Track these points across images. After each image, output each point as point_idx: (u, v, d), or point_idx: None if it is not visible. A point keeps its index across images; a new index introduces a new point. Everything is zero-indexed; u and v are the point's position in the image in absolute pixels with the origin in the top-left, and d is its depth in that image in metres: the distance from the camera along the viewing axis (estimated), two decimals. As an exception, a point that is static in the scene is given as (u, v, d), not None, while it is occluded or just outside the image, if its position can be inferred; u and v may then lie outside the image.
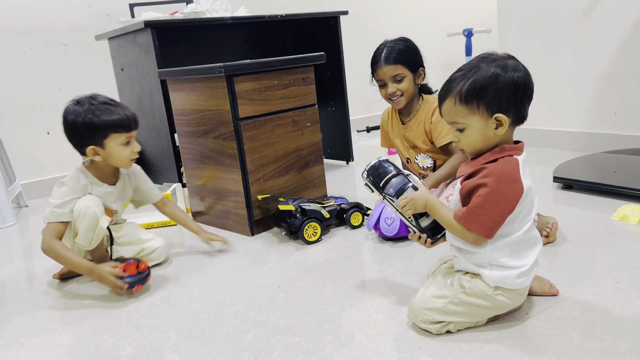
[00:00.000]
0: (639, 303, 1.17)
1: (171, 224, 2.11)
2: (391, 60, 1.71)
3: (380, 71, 1.73)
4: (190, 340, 1.22)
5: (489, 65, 1.05)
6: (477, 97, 1.04)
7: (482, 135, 1.07)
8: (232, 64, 1.73)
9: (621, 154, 2.26)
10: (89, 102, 1.49)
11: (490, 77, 1.04)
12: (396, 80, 1.72)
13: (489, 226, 1.04)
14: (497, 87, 1.03)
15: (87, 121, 1.47)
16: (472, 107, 1.05)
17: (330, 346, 1.13)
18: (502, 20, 2.87)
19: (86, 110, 1.47)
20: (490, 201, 1.03)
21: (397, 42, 1.74)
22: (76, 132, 1.49)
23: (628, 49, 2.39)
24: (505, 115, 1.05)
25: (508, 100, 1.04)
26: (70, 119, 1.48)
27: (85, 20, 2.93)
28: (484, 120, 1.06)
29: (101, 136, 1.49)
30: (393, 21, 4.15)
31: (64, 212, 1.51)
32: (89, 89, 2.95)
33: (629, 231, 1.59)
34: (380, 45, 1.76)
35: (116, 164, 1.57)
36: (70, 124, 1.48)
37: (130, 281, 1.46)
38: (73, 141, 1.52)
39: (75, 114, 1.48)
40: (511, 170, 1.04)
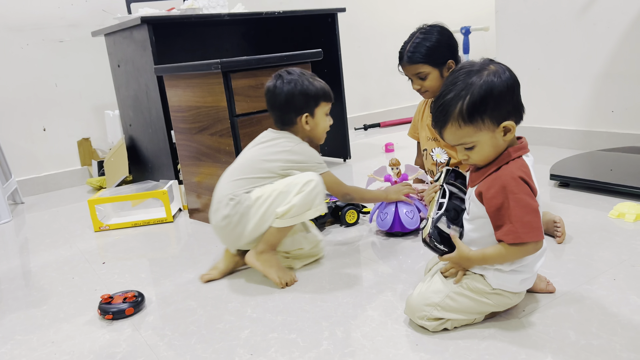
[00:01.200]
0: (635, 300, 1.17)
1: (167, 220, 2.11)
2: (413, 60, 1.65)
3: (404, 68, 1.70)
4: (186, 336, 1.22)
5: (479, 78, 1.03)
6: (480, 112, 1.02)
7: (493, 147, 1.06)
8: (229, 60, 1.72)
9: (618, 152, 2.26)
10: (298, 73, 1.50)
11: (486, 88, 1.02)
12: (420, 78, 1.68)
13: (538, 227, 1.02)
14: (495, 97, 1.02)
15: (304, 89, 1.48)
16: (477, 124, 1.03)
17: (327, 343, 1.13)
18: (500, 19, 2.87)
19: (299, 79, 1.48)
20: (524, 205, 1.01)
21: (426, 35, 1.65)
22: (293, 100, 1.47)
23: (625, 47, 2.39)
24: (511, 120, 1.04)
25: (508, 104, 1.04)
26: (288, 88, 1.47)
27: (81, 16, 2.92)
28: (492, 132, 1.04)
29: (314, 104, 1.50)
30: (390, 18, 4.15)
31: None
32: (86, 85, 2.97)
33: (626, 229, 1.59)
34: (409, 36, 1.69)
35: (318, 134, 1.54)
36: (288, 92, 1.47)
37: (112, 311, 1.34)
38: (286, 110, 1.49)
39: (291, 82, 1.47)
40: (525, 174, 1.03)
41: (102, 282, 1.58)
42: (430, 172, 1.84)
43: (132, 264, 1.71)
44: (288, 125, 1.51)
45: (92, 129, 3.04)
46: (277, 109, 1.50)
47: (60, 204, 2.61)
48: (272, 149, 1.47)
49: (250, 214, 1.40)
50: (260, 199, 1.39)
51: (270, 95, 1.51)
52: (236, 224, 1.41)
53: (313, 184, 1.39)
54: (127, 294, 1.39)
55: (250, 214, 1.40)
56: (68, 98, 2.94)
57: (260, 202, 1.39)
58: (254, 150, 1.50)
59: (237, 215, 1.40)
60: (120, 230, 2.08)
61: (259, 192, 1.41)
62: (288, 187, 1.39)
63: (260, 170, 1.44)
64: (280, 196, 1.39)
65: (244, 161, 1.49)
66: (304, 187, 1.38)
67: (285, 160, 1.44)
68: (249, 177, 1.43)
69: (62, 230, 2.17)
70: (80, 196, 2.74)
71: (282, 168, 1.43)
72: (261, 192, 1.41)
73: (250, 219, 1.40)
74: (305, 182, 1.39)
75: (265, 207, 1.39)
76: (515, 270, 1.08)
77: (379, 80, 4.14)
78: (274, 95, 1.49)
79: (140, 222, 2.11)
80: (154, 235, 1.99)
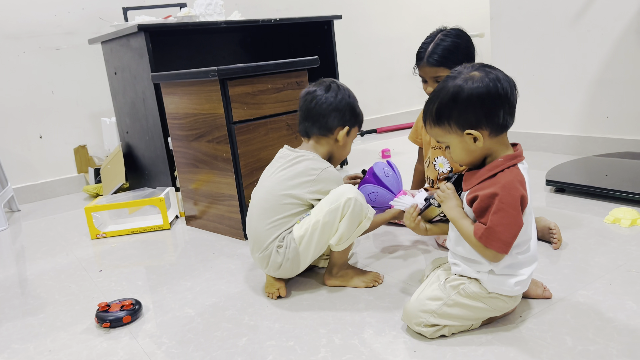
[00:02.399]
0: (631, 305, 1.18)
1: (164, 228, 2.11)
2: (434, 61, 1.59)
3: (422, 69, 1.64)
4: (184, 344, 1.21)
5: (453, 83, 1.06)
6: (445, 117, 1.08)
7: (464, 151, 1.09)
8: (226, 68, 1.73)
9: (613, 157, 2.27)
10: (349, 89, 1.48)
11: (452, 95, 1.06)
12: (437, 81, 1.60)
13: (508, 242, 1.04)
14: (460, 105, 1.05)
15: (353, 104, 1.46)
16: (445, 127, 1.09)
17: (324, 350, 1.13)
18: (495, 25, 2.89)
19: (353, 95, 1.47)
20: (507, 217, 1.02)
21: (446, 37, 1.61)
22: (342, 109, 1.44)
23: (619, 53, 2.41)
24: (476, 130, 1.06)
25: (476, 114, 1.05)
26: (343, 96, 1.44)
27: (78, 23, 2.92)
28: (460, 137, 1.08)
29: (351, 124, 1.47)
30: (387, 25, 4.16)
31: None
32: (82, 92, 2.98)
33: (621, 234, 1.60)
34: (428, 37, 1.64)
35: (343, 154, 1.51)
36: (342, 100, 1.44)
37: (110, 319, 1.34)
38: (332, 116, 1.43)
39: (346, 92, 1.46)
40: (519, 184, 1.04)
41: (99, 290, 1.58)
42: (430, 181, 1.83)
43: (129, 271, 1.71)
44: (324, 132, 1.44)
45: (88, 137, 3.04)
46: (324, 111, 1.42)
47: (57, 212, 2.61)
48: (294, 180, 1.38)
49: (300, 254, 1.36)
50: (305, 237, 1.33)
51: (317, 97, 1.43)
52: (291, 267, 1.38)
53: (352, 202, 1.31)
54: (124, 301, 1.39)
55: (301, 254, 1.36)
56: (64, 105, 2.94)
57: (307, 240, 1.33)
58: (276, 179, 1.40)
59: (289, 261, 1.36)
60: (117, 238, 2.08)
61: (301, 230, 1.34)
62: (330, 216, 1.32)
63: (290, 207, 1.37)
64: (325, 227, 1.32)
65: (269, 197, 1.39)
66: (345, 210, 1.31)
67: (310, 192, 1.37)
68: (282, 217, 1.37)
69: (58, 238, 2.16)
70: (76, 204, 2.73)
71: (310, 199, 1.37)
72: (303, 229, 1.34)
73: (302, 258, 1.36)
74: (345, 204, 1.31)
75: (315, 242, 1.34)
76: (508, 274, 1.09)
77: (375, 86, 4.15)
78: (323, 97, 1.43)
79: (137, 230, 2.10)
80: (150, 243, 1.98)
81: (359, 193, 1.35)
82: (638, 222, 1.64)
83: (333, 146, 1.47)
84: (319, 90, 1.45)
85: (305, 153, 1.43)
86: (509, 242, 1.03)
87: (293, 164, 1.41)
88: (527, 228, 1.08)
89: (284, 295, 1.40)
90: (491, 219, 1.03)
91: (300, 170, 1.39)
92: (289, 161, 1.42)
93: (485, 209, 1.05)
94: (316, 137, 1.46)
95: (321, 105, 1.43)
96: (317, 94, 1.44)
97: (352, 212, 1.31)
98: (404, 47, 4.24)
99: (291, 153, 1.45)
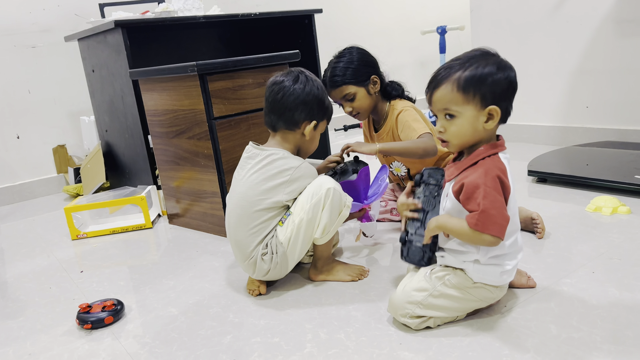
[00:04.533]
0: (613, 292, 1.19)
1: (146, 227, 2.08)
2: (335, 83, 1.62)
3: (331, 95, 1.63)
4: (167, 344, 1.19)
5: (488, 60, 1.06)
6: (475, 86, 1.04)
7: (472, 127, 1.06)
8: (205, 63, 1.70)
9: (593, 147, 2.30)
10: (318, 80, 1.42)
11: (490, 70, 1.04)
12: (347, 100, 1.64)
13: (503, 225, 1.03)
14: (494, 81, 1.04)
15: (321, 97, 1.40)
16: (468, 96, 1.05)
17: (310, 345, 1.12)
18: (475, 17, 2.89)
19: (320, 87, 1.41)
20: (496, 201, 1.02)
21: (339, 59, 1.63)
22: (308, 103, 1.37)
23: (597, 43, 2.43)
24: (498, 108, 1.05)
25: (502, 95, 1.05)
26: (309, 89, 1.37)
27: (54, 21, 2.86)
28: (477, 111, 1.05)
29: (320, 117, 1.41)
30: (368, 19, 4.16)
31: None
32: (60, 91, 2.92)
33: (603, 222, 1.61)
34: (327, 66, 1.67)
35: (310, 149, 1.46)
36: (309, 94, 1.37)
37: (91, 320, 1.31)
38: (299, 110, 1.37)
39: (315, 84, 1.39)
40: (500, 171, 1.04)
41: (80, 291, 1.55)
42: (397, 185, 1.84)
43: (110, 271, 1.68)
44: (290, 127, 1.39)
45: (67, 136, 2.98)
46: (289, 105, 1.36)
47: (36, 213, 2.56)
48: (268, 183, 1.33)
49: (288, 256, 1.34)
50: (292, 238, 1.32)
51: (284, 88, 1.37)
52: (280, 270, 1.36)
53: (332, 192, 1.30)
54: (106, 302, 1.36)
55: (289, 256, 1.34)
56: (42, 104, 2.88)
57: (293, 240, 1.32)
58: (248, 183, 1.35)
59: (278, 265, 1.34)
60: (98, 238, 2.04)
61: (287, 232, 1.32)
62: (313, 211, 1.30)
63: (267, 211, 1.34)
64: (310, 223, 1.31)
65: (244, 203, 1.34)
66: (325, 201, 1.30)
67: (286, 193, 1.33)
68: (261, 222, 1.33)
69: (38, 239, 2.12)
70: (56, 204, 2.68)
71: (286, 200, 1.34)
72: (288, 230, 1.32)
73: (289, 259, 1.35)
74: (325, 195, 1.30)
75: (301, 241, 1.32)
76: (494, 263, 1.09)
77: (358, 80, 4.14)
78: (291, 89, 1.36)
79: (118, 229, 2.07)
80: (132, 242, 1.95)
81: (336, 182, 1.33)
82: (619, 210, 1.66)
83: (300, 140, 1.42)
84: (286, 81, 1.38)
85: (274, 151, 1.37)
86: (503, 224, 1.02)
87: (264, 166, 1.35)
88: (514, 218, 1.08)
89: (264, 293, 1.38)
90: (483, 203, 1.02)
91: (273, 172, 1.34)
92: (259, 162, 1.36)
93: (472, 196, 1.04)
94: (282, 131, 1.40)
95: (288, 97, 1.36)
96: (284, 85, 1.37)
97: (332, 202, 1.30)
98: (386, 41, 4.24)
99: (259, 152, 1.38)
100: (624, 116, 2.42)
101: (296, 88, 1.37)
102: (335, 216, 1.33)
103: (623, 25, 2.33)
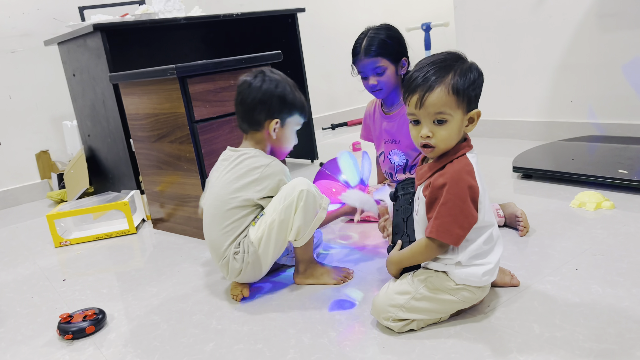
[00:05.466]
0: (596, 289, 1.19)
1: (130, 232, 2.05)
2: (371, 52, 1.61)
3: (361, 63, 1.65)
4: (149, 353, 1.18)
5: (466, 63, 1.07)
6: (465, 91, 1.04)
7: (458, 131, 1.07)
8: (185, 65, 1.68)
9: (578, 142, 2.30)
10: (283, 76, 1.41)
11: (477, 74, 1.06)
12: (377, 73, 1.64)
13: (457, 234, 1.03)
14: (478, 85, 1.06)
15: (284, 92, 1.38)
16: (459, 101, 1.04)
17: (293, 351, 1.11)
18: (459, 14, 2.89)
19: (282, 82, 1.39)
20: (454, 208, 1.02)
21: (379, 31, 1.63)
22: (269, 99, 1.36)
23: (580, 37, 2.44)
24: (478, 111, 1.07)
25: (477, 97, 1.07)
26: (267, 86, 1.36)
27: (34, 25, 2.82)
28: (463, 115, 1.06)
29: (288, 112, 1.39)
30: (352, 17, 4.14)
31: None
32: (41, 96, 2.88)
33: (587, 218, 1.61)
34: (361, 34, 1.66)
35: (283, 147, 1.44)
36: (266, 90, 1.36)
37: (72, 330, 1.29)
38: (259, 109, 1.37)
39: (273, 82, 1.37)
40: (467, 174, 1.04)
41: (63, 300, 1.53)
42: (388, 175, 1.83)
43: (93, 279, 1.66)
44: (254, 127, 1.39)
45: (50, 141, 2.95)
46: (248, 106, 1.37)
47: (20, 220, 2.53)
48: (239, 182, 1.34)
49: (260, 256, 1.32)
50: (263, 238, 1.30)
51: (244, 88, 1.38)
52: (252, 271, 1.34)
53: (305, 194, 1.28)
54: (87, 311, 1.34)
55: (261, 256, 1.32)
56: (23, 110, 2.85)
57: (265, 241, 1.30)
58: (221, 183, 1.36)
59: (249, 265, 1.32)
60: (81, 245, 2.02)
61: (258, 232, 1.31)
62: (285, 213, 1.29)
63: (239, 210, 1.33)
64: (282, 225, 1.29)
65: (217, 202, 1.35)
66: (299, 202, 1.28)
67: (256, 191, 1.33)
68: (233, 221, 1.33)
69: (21, 247, 2.09)
70: (40, 211, 2.65)
71: (257, 198, 1.33)
72: (260, 230, 1.31)
73: (262, 260, 1.33)
74: (298, 197, 1.28)
75: (274, 242, 1.31)
76: (475, 264, 1.08)
77: (344, 79, 4.08)
78: (249, 89, 1.37)
79: (102, 235, 2.05)
80: (116, 249, 1.93)
81: (311, 184, 1.32)
82: (603, 205, 1.66)
83: (269, 140, 1.41)
84: (245, 83, 1.39)
85: (246, 151, 1.39)
86: (458, 233, 1.03)
87: (236, 165, 1.36)
88: (486, 215, 1.07)
89: (247, 296, 1.37)
90: (438, 210, 1.03)
91: (244, 171, 1.34)
92: (232, 162, 1.38)
93: (434, 201, 1.04)
94: (252, 133, 1.41)
95: (246, 98, 1.38)
96: (243, 87, 1.39)
97: (305, 204, 1.29)
98: (371, 38, 4.22)
99: (233, 153, 1.40)
100: (608, 110, 2.43)
101: (253, 88, 1.37)
102: (310, 218, 1.31)
103: (605, 20, 2.33)
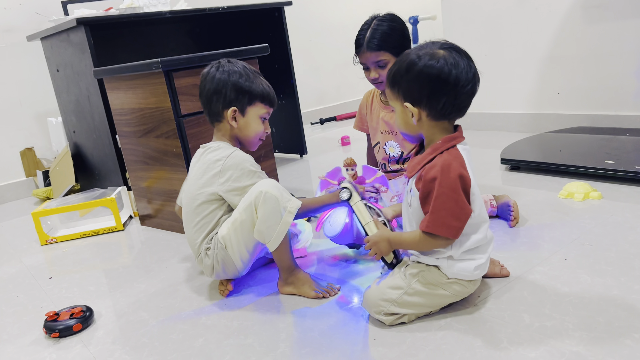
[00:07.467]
0: (585, 279, 1.19)
1: (117, 229, 2.03)
2: (374, 46, 1.58)
3: (363, 56, 1.62)
4: (138, 350, 1.16)
5: (414, 54, 1.05)
6: (396, 83, 1.08)
7: (403, 121, 1.10)
8: (170, 59, 1.66)
9: (565, 133, 2.31)
10: (241, 66, 1.38)
11: (407, 65, 1.05)
12: (379, 66, 1.60)
13: (454, 226, 1.02)
14: (410, 77, 1.05)
15: (238, 82, 1.35)
16: (394, 92, 1.09)
17: (284, 345, 1.10)
18: (446, 7, 2.89)
19: (238, 71, 1.37)
20: (448, 200, 1.01)
21: (382, 22, 1.60)
22: (223, 90, 1.35)
23: (566, 29, 2.44)
24: (415, 106, 1.05)
25: (420, 91, 1.04)
26: (221, 77, 1.35)
27: (16, 20, 2.77)
28: (401, 106, 1.08)
29: (247, 101, 1.37)
30: (340, 11, 4.12)
31: None
32: (25, 92, 2.84)
33: (575, 208, 1.62)
34: (365, 25, 1.62)
35: (248, 136, 1.40)
36: (219, 81, 1.35)
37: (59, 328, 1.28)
38: (214, 100, 1.36)
39: (227, 72, 1.36)
40: (457, 164, 1.03)
41: (49, 298, 1.51)
42: (382, 165, 1.82)
43: (80, 277, 1.64)
44: (215, 118, 1.39)
45: (35, 138, 2.90)
46: (205, 98, 1.38)
47: (5, 218, 2.49)
48: (203, 177, 1.33)
49: (230, 254, 1.30)
50: (227, 236, 1.28)
51: (202, 81, 1.39)
52: (224, 268, 1.32)
53: (262, 195, 1.23)
54: (74, 309, 1.32)
55: (230, 254, 1.30)
56: (7, 106, 2.80)
57: (230, 239, 1.28)
58: (191, 180, 1.38)
59: (220, 262, 1.31)
60: (68, 242, 1.99)
61: (224, 230, 1.29)
62: (246, 213, 1.25)
63: (207, 205, 1.33)
64: (244, 225, 1.26)
65: (188, 200, 1.37)
66: (257, 203, 1.24)
67: (220, 184, 1.31)
68: (203, 217, 1.33)
69: (6, 245, 2.06)
70: (26, 208, 2.61)
71: (222, 191, 1.31)
72: (226, 228, 1.29)
73: (233, 257, 1.30)
74: (255, 199, 1.24)
75: (239, 241, 1.28)
76: (467, 258, 1.08)
77: (333, 73, 4.12)
78: (204, 81, 1.38)
79: (88, 233, 2.02)
80: (104, 246, 1.91)
81: (273, 186, 1.25)
82: (590, 195, 1.67)
83: (232, 131, 1.39)
84: (202, 75, 1.40)
85: (211, 144, 1.39)
86: (455, 225, 1.02)
87: (200, 160, 1.38)
88: (480, 210, 1.07)
89: (231, 289, 1.37)
90: (433, 204, 1.02)
91: (207, 165, 1.34)
92: (199, 158, 1.39)
93: (428, 195, 1.03)
94: (217, 125, 1.41)
95: (203, 90, 1.39)
96: (201, 80, 1.40)
97: (264, 206, 1.23)
98: (359, 32, 4.21)
99: (200, 150, 1.41)
100: (595, 101, 2.44)
101: (208, 79, 1.38)
102: (273, 221, 1.23)
103: (590, 11, 2.34)
